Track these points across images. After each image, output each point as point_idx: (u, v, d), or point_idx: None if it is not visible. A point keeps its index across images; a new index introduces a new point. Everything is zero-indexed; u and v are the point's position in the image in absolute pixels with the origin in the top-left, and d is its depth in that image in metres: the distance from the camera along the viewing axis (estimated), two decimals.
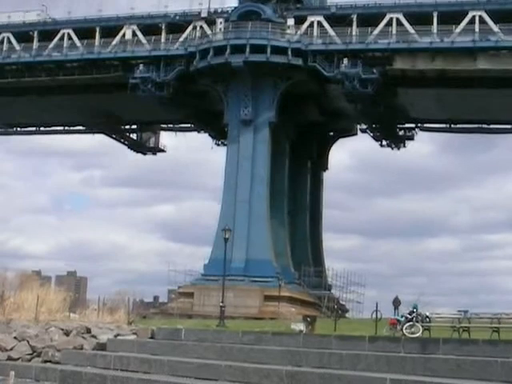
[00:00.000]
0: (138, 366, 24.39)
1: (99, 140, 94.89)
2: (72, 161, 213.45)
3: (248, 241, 68.52)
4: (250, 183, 70.05)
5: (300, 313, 53.74)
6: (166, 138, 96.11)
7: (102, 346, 27.74)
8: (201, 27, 73.74)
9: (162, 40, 74.34)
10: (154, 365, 24.20)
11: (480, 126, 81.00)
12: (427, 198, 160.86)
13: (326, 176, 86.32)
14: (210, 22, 73.56)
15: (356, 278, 75.77)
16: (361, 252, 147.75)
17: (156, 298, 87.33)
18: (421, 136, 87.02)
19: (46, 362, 26.89)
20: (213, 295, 57.93)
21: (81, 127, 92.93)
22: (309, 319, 33.01)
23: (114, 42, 75.43)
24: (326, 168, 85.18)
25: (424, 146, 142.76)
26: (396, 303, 42.92)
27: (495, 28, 66.75)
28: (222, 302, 43.09)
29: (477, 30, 67.08)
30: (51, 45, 77.48)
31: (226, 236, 46.90)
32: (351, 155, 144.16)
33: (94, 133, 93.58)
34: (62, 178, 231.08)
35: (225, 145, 78.29)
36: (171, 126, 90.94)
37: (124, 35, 75.37)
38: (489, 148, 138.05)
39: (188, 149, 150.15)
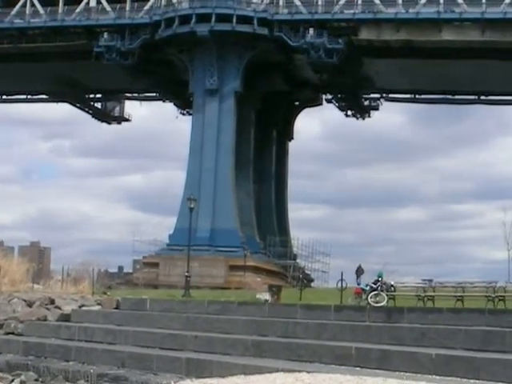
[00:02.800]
0: (103, 337, 24.31)
1: (69, 109, 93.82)
2: (41, 130, 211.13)
3: (213, 210, 68.47)
4: (215, 152, 69.87)
5: (266, 282, 53.88)
6: (132, 108, 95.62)
7: (66, 317, 27.57)
8: None
9: (127, 8, 73.39)
10: (119, 335, 24.12)
11: (444, 96, 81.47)
12: (397, 168, 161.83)
13: (297, 146, 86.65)
14: None
15: (322, 248, 76.36)
16: (329, 222, 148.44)
17: (121, 268, 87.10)
18: (391, 106, 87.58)
19: (8, 333, 26.65)
20: (178, 265, 57.86)
21: (44, 96, 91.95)
22: (274, 289, 33.10)
23: (77, 10, 74.30)
24: (291, 137, 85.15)
25: (395, 116, 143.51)
26: (359, 272, 43.17)
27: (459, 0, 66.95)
28: (188, 271, 43.01)
29: (441, 1, 67.15)
30: (13, 11, 76.13)
31: (191, 205, 46.79)
32: (322, 125, 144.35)
33: (57, 101, 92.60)
34: (30, 147, 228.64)
35: (190, 114, 77.89)
36: (136, 95, 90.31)
37: (88, 3, 74.30)
38: (459, 119, 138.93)
39: (156, 118, 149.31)
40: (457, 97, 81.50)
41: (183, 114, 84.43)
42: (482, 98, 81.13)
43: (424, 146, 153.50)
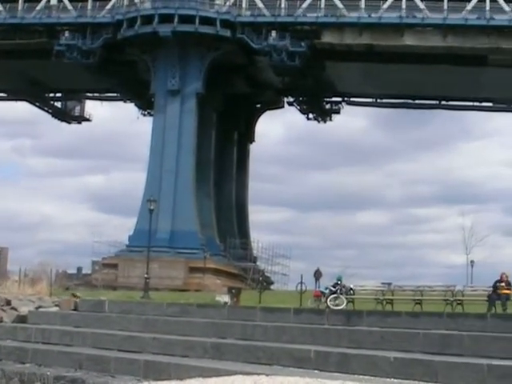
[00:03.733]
0: (60, 339, 24.10)
1: (30, 108, 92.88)
2: (1, 129, 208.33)
3: (173, 212, 68.16)
4: (176, 154, 69.58)
5: (225, 285, 53.89)
6: (93, 107, 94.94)
7: (22, 319, 27.26)
8: None
9: (89, 7, 72.75)
10: (77, 337, 23.92)
11: (405, 101, 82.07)
12: (359, 172, 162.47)
13: (259, 148, 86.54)
14: None
15: (282, 251, 76.45)
16: (291, 225, 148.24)
17: (79, 269, 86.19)
18: (355, 110, 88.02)
19: None
20: (137, 266, 57.47)
21: (3, 94, 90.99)
22: (234, 291, 33.11)
23: (38, 7, 73.46)
24: (252, 140, 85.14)
25: (358, 119, 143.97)
26: (317, 275, 43.29)
27: (421, 5, 67.41)
28: (147, 273, 42.86)
29: (404, 6, 67.64)
30: None
31: (151, 207, 46.64)
32: (286, 128, 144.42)
33: (16, 100, 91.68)
34: None
35: (152, 115, 77.53)
36: (97, 94, 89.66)
37: (49, 0, 73.58)
38: (422, 123, 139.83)
39: (118, 118, 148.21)
40: (418, 101, 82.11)
41: (144, 115, 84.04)
42: (443, 103, 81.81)
43: (386, 150, 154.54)
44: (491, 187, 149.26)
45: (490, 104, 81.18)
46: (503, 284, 27.24)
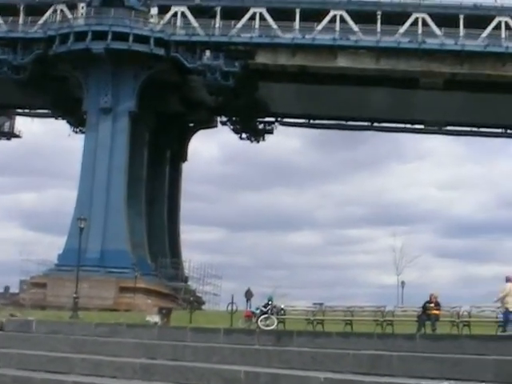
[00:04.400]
0: None
1: None
2: None
3: (104, 231, 67.49)
4: (107, 172, 68.95)
5: (156, 305, 53.39)
6: (23, 124, 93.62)
7: None
8: (61, 11, 71.92)
9: (20, 22, 72.06)
10: (2, 358, 23.31)
11: (338, 122, 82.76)
12: (292, 193, 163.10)
13: (193, 167, 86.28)
14: (72, 7, 71.85)
15: (214, 271, 76.26)
16: (223, 244, 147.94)
17: (7, 288, 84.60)
18: (290, 130, 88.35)
19: None
20: (67, 286, 56.51)
21: None
22: (164, 311, 32.84)
23: None
24: (185, 159, 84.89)
25: (292, 140, 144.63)
26: (248, 295, 43.20)
27: (355, 28, 68.37)
28: (76, 293, 42.30)
29: (337, 28, 68.48)
30: None
31: (81, 225, 46.20)
32: (220, 147, 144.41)
33: None
34: None
35: (84, 132, 76.73)
36: (28, 111, 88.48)
37: None
38: (355, 145, 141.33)
39: (49, 135, 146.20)
40: (351, 123, 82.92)
41: (76, 132, 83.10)
42: (376, 124, 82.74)
43: (320, 170, 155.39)
44: (423, 208, 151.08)
45: (422, 126, 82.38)
46: (432, 305, 27.49)
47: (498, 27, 67.38)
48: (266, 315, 28.33)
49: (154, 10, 71.55)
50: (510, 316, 25.10)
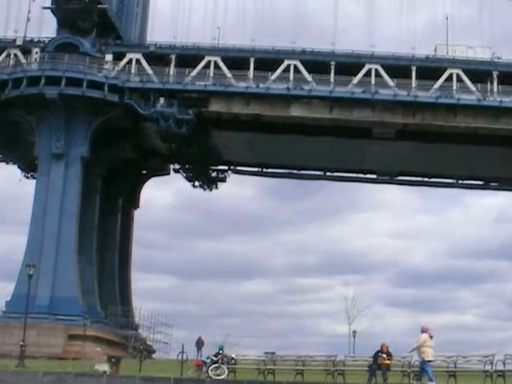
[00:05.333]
0: None
1: None
2: None
3: (54, 277, 66.42)
4: (58, 218, 68.08)
5: (106, 353, 52.66)
6: None
7: None
8: (15, 55, 71.54)
9: None
10: None
11: (291, 171, 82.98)
12: (246, 241, 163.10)
13: (147, 215, 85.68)
14: (26, 51, 71.49)
15: (165, 319, 75.52)
16: (176, 292, 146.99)
17: None
18: (244, 179, 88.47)
19: None
20: (15, 333, 55.35)
21: None
22: (113, 360, 32.31)
23: None
24: (137, 206, 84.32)
25: (247, 189, 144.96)
26: (199, 344, 42.84)
27: (309, 77, 68.99)
28: (23, 340, 41.45)
29: (291, 78, 69.04)
30: None
31: (30, 272, 45.46)
32: (175, 195, 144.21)
33: None
34: None
35: (35, 178, 75.94)
36: None
37: None
38: (310, 194, 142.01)
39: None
40: (303, 172, 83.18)
41: (27, 178, 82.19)
42: (329, 174, 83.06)
43: (274, 219, 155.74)
44: (376, 258, 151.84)
45: (374, 176, 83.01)
46: (384, 355, 27.38)
47: (449, 79, 68.47)
48: (216, 364, 27.99)
49: (109, 57, 71.51)
50: (426, 366, 25.23)
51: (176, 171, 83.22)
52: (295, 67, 69.23)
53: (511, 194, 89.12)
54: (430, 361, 25.08)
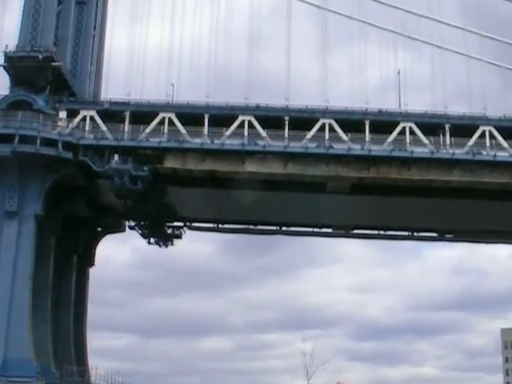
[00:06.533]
0: None
1: None
2: None
3: (7, 338, 64.94)
4: (11, 277, 66.65)
5: None
6: None
7: None
8: None
9: None
10: None
11: (247, 226, 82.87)
12: (204, 298, 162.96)
13: (104, 272, 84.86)
14: None
15: (123, 378, 74.31)
16: (133, 351, 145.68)
17: None
18: (203, 235, 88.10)
19: None
20: None
21: None
22: None
23: None
24: (92, 264, 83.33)
25: (205, 245, 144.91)
26: None
27: (263, 133, 69.26)
28: None
29: (246, 134, 69.23)
30: None
31: None
32: (132, 251, 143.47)
33: None
34: None
35: None
36: None
37: None
38: (268, 249, 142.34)
39: None
40: (259, 227, 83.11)
41: None
42: (284, 228, 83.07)
43: (232, 276, 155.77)
44: (334, 312, 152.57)
45: (330, 230, 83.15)
46: None
47: (402, 132, 69.20)
48: None
49: (63, 114, 71.08)
50: None
51: (131, 228, 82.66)
52: (249, 123, 69.44)
53: (467, 245, 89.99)
54: None
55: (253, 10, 75.84)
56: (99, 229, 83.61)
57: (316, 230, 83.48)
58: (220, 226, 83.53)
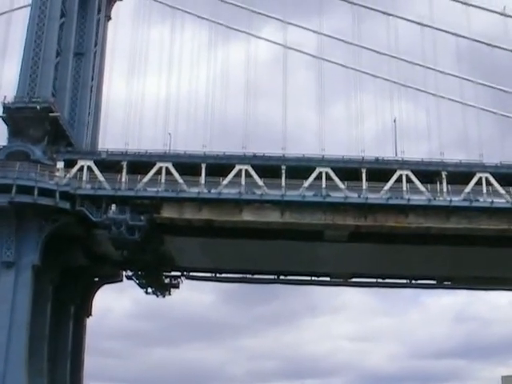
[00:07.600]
0: None
1: None
2: None
3: None
4: (7, 328, 66.02)
5: None
6: None
7: None
8: None
9: None
10: None
11: (245, 275, 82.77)
12: (204, 348, 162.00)
13: (104, 323, 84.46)
14: None
15: None
16: None
17: None
18: (203, 284, 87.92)
19: None
20: None
21: None
22: None
23: None
24: (89, 314, 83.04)
25: (206, 294, 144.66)
26: None
27: (260, 182, 69.34)
28: None
29: (243, 182, 69.33)
30: None
31: None
32: (132, 301, 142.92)
33: None
34: None
35: None
36: None
37: None
38: (268, 299, 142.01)
39: None
40: (257, 276, 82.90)
41: None
42: (282, 277, 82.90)
43: (232, 325, 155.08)
44: (335, 361, 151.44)
45: (328, 278, 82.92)
46: None
47: (399, 180, 69.31)
48: None
49: (60, 164, 71.22)
50: None
51: (129, 278, 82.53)
52: (246, 172, 69.57)
53: (468, 292, 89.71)
54: None
55: (249, 60, 76.78)
56: (96, 279, 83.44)
57: (314, 278, 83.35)
58: (218, 275, 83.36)
